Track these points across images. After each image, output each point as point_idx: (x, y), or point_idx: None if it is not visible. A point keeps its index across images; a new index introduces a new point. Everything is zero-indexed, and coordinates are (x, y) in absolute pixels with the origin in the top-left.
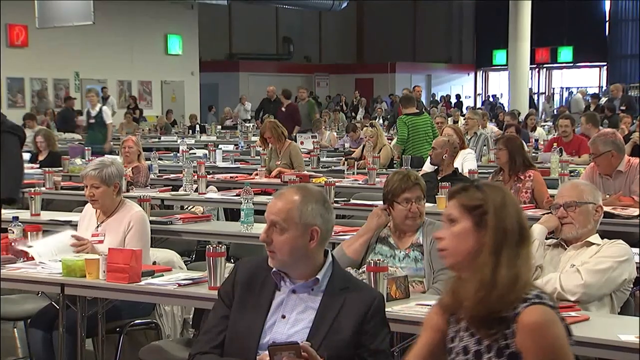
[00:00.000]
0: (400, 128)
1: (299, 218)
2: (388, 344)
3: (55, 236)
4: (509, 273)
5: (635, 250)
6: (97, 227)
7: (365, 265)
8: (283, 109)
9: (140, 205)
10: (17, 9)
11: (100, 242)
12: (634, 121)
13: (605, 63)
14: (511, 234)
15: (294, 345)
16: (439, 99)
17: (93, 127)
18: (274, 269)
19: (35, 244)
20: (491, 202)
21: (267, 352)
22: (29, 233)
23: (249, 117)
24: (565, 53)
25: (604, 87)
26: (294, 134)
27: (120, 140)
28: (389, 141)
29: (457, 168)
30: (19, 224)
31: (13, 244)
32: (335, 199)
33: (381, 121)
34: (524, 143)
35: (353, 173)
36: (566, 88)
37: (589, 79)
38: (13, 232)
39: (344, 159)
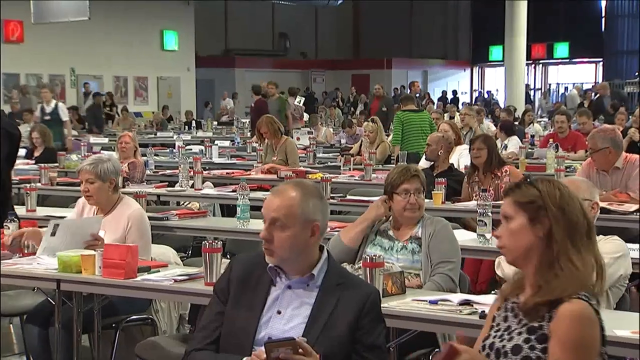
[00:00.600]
0: (395, 125)
1: (301, 214)
2: (384, 339)
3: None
4: (573, 265)
5: (631, 246)
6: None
7: (361, 261)
8: (252, 104)
9: (137, 201)
10: (12, 4)
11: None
12: (629, 117)
13: (601, 59)
14: (577, 225)
15: (291, 341)
16: (435, 97)
17: (49, 124)
18: (270, 265)
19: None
20: (548, 196)
21: (263, 348)
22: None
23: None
24: (562, 49)
25: (600, 83)
26: None
27: (117, 136)
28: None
29: (452, 164)
30: (15, 219)
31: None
32: (332, 195)
33: None
34: (519, 139)
35: (349, 169)
36: (562, 84)
37: (585, 74)
38: (9, 228)
39: (340, 154)
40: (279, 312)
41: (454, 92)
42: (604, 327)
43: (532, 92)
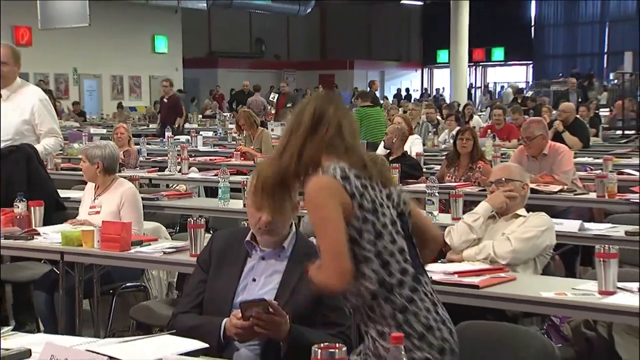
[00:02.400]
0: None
1: None
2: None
3: None
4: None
5: (556, 220)
6: (94, 200)
7: None
8: (165, 99)
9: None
10: (22, 11)
11: (97, 212)
12: (554, 112)
13: (531, 62)
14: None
15: (262, 301)
16: (391, 95)
17: None
18: (247, 239)
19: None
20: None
21: (237, 311)
22: (31, 208)
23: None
24: (498, 53)
25: (530, 82)
26: (177, 125)
27: (113, 127)
28: None
29: (406, 151)
30: (23, 199)
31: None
32: None
33: None
34: None
35: None
36: (499, 83)
37: (517, 75)
38: (18, 207)
39: None
40: (254, 280)
41: (407, 90)
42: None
43: (473, 90)
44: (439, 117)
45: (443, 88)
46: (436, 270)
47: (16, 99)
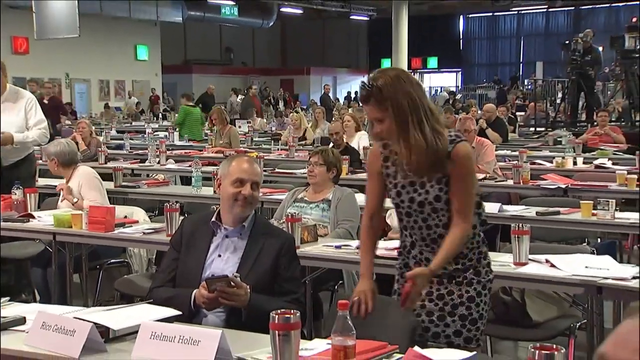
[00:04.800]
0: (180, 115)
1: (262, 179)
2: (299, 273)
3: None
4: (430, 131)
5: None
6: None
7: (284, 217)
8: (45, 101)
9: (114, 174)
10: (20, 23)
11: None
12: (479, 111)
13: (460, 69)
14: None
15: (225, 277)
16: (341, 97)
17: None
18: (212, 220)
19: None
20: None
21: (204, 283)
22: (27, 195)
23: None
24: (432, 61)
25: (460, 87)
26: (59, 124)
27: (100, 124)
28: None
29: (347, 143)
30: (20, 187)
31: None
32: (264, 168)
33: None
34: None
35: (278, 149)
36: (434, 87)
37: (449, 80)
38: (15, 194)
39: (271, 138)
40: (219, 256)
41: (356, 93)
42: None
43: None
44: None
45: None
46: (379, 246)
47: (10, 102)
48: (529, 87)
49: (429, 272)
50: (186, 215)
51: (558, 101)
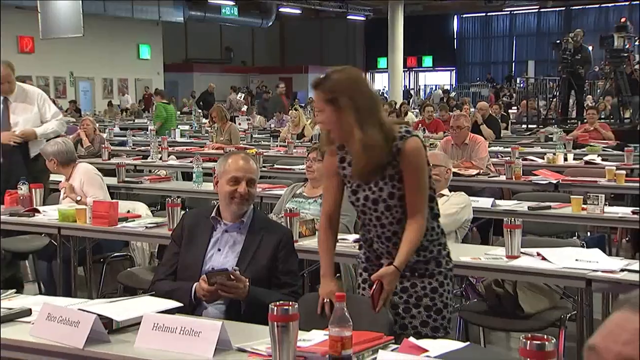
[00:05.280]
0: (157, 113)
1: (258, 175)
2: (297, 266)
3: None
4: (376, 131)
5: (473, 198)
6: (67, 180)
7: (283, 212)
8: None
9: (117, 170)
10: (25, 23)
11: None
12: (472, 109)
13: (454, 68)
14: (364, 108)
15: (225, 271)
16: None
17: None
18: (212, 215)
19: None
20: (342, 89)
21: (204, 277)
22: (33, 190)
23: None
24: (427, 60)
25: (454, 85)
26: None
27: (103, 121)
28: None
29: None
30: (25, 182)
31: None
32: (263, 165)
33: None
34: None
35: (277, 145)
36: (428, 85)
37: (443, 79)
38: (21, 189)
39: (270, 135)
40: (219, 250)
41: None
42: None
43: (412, 92)
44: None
45: (384, 87)
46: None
47: (22, 102)
48: (522, 85)
49: (394, 270)
50: (187, 210)
51: (549, 99)
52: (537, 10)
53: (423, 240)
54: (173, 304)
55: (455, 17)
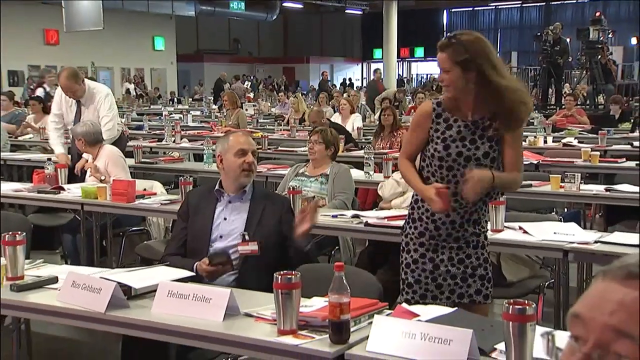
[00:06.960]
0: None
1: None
2: None
3: None
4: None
5: None
6: (93, 160)
7: (286, 190)
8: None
9: (134, 152)
10: (51, 17)
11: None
12: None
13: None
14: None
15: (224, 253)
16: (338, 83)
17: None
18: (216, 188)
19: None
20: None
21: (206, 258)
22: (58, 170)
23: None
24: (419, 51)
25: None
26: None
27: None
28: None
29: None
30: (52, 162)
31: None
32: (268, 147)
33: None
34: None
35: (280, 129)
36: (420, 74)
37: (434, 68)
38: (48, 169)
39: (274, 120)
40: (225, 219)
41: (350, 80)
42: None
43: (405, 80)
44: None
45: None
46: (371, 215)
47: (90, 102)
48: None
49: (491, 177)
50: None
51: (531, 87)
52: (519, 5)
53: (480, 214)
54: (186, 272)
55: (445, 11)
